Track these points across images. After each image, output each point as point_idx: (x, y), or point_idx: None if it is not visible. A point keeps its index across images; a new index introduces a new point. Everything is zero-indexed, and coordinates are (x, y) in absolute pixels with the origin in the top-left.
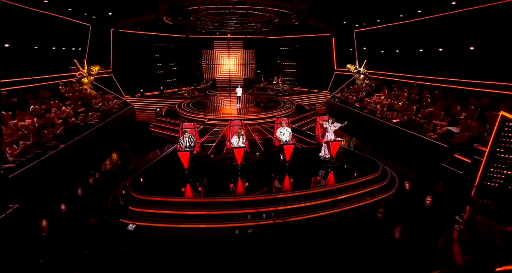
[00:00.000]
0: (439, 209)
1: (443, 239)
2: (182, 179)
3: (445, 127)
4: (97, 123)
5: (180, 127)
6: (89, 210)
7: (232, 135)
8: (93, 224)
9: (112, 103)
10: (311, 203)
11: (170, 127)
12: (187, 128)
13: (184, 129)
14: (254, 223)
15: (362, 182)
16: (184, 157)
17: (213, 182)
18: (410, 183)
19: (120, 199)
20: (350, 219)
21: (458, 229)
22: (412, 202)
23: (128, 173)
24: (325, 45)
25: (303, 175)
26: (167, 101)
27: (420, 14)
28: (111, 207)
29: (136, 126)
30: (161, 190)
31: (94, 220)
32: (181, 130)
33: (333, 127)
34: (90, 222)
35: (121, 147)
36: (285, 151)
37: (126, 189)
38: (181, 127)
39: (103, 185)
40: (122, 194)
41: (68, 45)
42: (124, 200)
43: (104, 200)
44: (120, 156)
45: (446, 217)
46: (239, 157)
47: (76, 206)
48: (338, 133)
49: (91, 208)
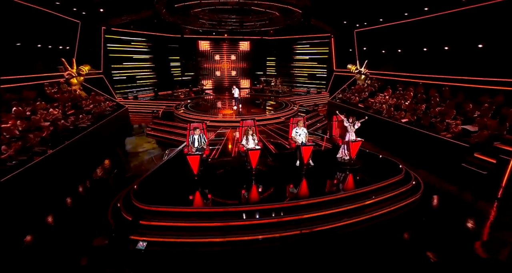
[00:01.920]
0: (469, 213)
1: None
2: (192, 185)
3: (460, 126)
4: (89, 126)
5: (188, 128)
6: (86, 226)
7: (242, 136)
8: (98, 245)
9: (104, 105)
10: (338, 209)
11: (168, 130)
12: (197, 127)
13: (196, 128)
14: (278, 234)
15: (386, 186)
16: (194, 162)
17: (226, 189)
18: (434, 185)
19: (122, 211)
20: (380, 226)
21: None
22: (441, 206)
23: (127, 181)
24: (324, 45)
25: (323, 179)
26: (162, 103)
27: (425, 12)
28: (112, 221)
29: (131, 129)
30: (169, 199)
31: (97, 239)
32: (188, 131)
33: (354, 126)
34: (94, 243)
35: (116, 152)
36: (302, 153)
37: (128, 199)
38: (189, 128)
39: (99, 195)
40: (124, 204)
41: (55, 42)
42: (128, 212)
43: (103, 213)
44: (116, 162)
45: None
46: (254, 161)
47: (71, 222)
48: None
49: (88, 223)
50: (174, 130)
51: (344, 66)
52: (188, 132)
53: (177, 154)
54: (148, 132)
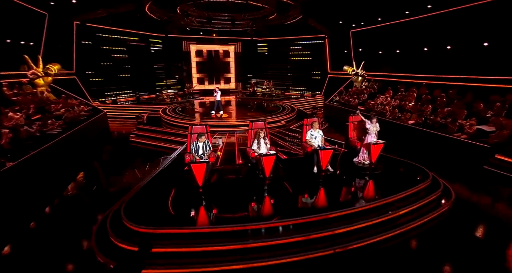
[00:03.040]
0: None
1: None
2: (196, 199)
3: (475, 126)
4: (61, 134)
5: (189, 131)
6: (66, 256)
7: (253, 140)
8: None
9: (78, 110)
10: (371, 222)
11: (156, 136)
12: (198, 132)
13: (199, 133)
14: (306, 255)
15: (414, 193)
16: (199, 171)
17: (237, 202)
18: (464, 190)
19: (110, 234)
20: (417, 239)
21: None
22: (475, 215)
23: (113, 197)
24: (318, 47)
25: (344, 186)
26: (146, 107)
27: (426, 11)
28: (96, 249)
29: (111, 137)
30: (170, 218)
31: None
32: (189, 134)
33: (376, 127)
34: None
35: (96, 162)
36: (320, 158)
37: (116, 219)
38: (190, 132)
39: (77, 215)
40: (113, 228)
41: (16, 37)
42: (119, 237)
43: (84, 237)
44: (95, 174)
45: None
46: (268, 168)
47: (45, 251)
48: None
49: (68, 252)
50: (163, 137)
51: (339, 68)
52: (189, 138)
53: (173, 163)
54: (132, 139)
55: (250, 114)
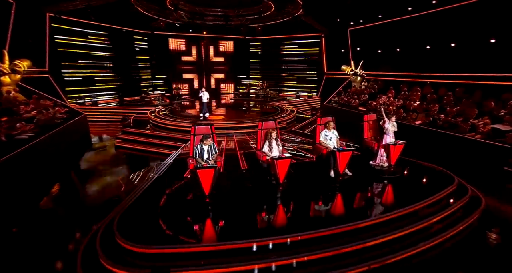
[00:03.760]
0: None
1: None
2: (203, 210)
3: (489, 125)
4: (33, 139)
5: (192, 132)
6: None
7: (263, 142)
8: None
9: (53, 111)
10: (402, 233)
11: (145, 141)
12: (202, 133)
13: (204, 134)
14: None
15: (440, 199)
16: (206, 177)
17: (249, 212)
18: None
19: (100, 256)
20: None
21: None
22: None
23: (101, 211)
24: (314, 46)
25: (365, 192)
26: (131, 110)
27: (430, 7)
28: None
29: (91, 142)
30: (173, 234)
31: None
32: (192, 136)
33: (394, 127)
34: None
35: (76, 171)
36: (338, 161)
37: (107, 236)
38: (193, 133)
39: (56, 235)
40: (103, 248)
41: None
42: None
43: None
44: (77, 185)
45: None
46: (282, 173)
47: None
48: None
49: None
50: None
51: (335, 68)
52: (192, 140)
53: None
54: (117, 144)
55: (247, 116)
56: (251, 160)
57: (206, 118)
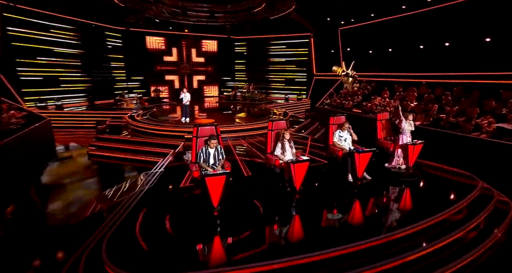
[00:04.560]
0: None
1: None
2: (210, 225)
3: (494, 124)
4: None
5: (194, 134)
6: None
7: (274, 144)
8: None
9: (7, 116)
10: (440, 244)
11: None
12: (206, 135)
13: (210, 135)
14: None
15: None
16: (216, 186)
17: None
18: None
19: None
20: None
21: None
22: None
23: (78, 232)
24: (303, 46)
25: (384, 197)
26: (104, 114)
27: (425, 5)
28: None
29: (54, 152)
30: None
31: None
32: (195, 138)
33: (411, 126)
34: None
35: (36, 186)
36: (356, 165)
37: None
38: (195, 135)
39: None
40: None
41: None
42: None
43: None
44: (37, 204)
45: None
46: (299, 179)
47: None
48: None
49: None
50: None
51: (325, 69)
52: (194, 143)
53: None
54: (91, 153)
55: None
56: (254, 166)
57: (186, 122)
